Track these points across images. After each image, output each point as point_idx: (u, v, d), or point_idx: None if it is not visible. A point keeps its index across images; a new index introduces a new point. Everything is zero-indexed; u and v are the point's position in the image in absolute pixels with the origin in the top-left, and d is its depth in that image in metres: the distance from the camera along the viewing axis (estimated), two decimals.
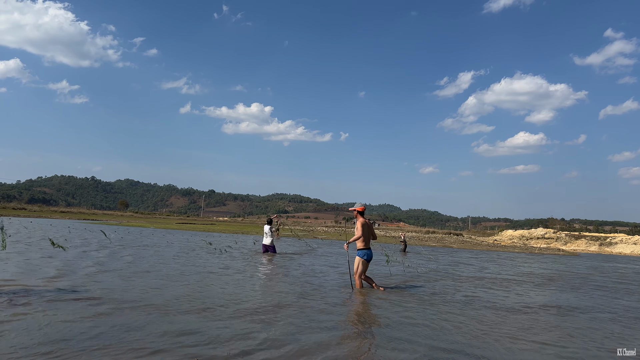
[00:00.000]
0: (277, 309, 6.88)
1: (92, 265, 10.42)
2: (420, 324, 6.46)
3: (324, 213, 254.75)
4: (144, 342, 4.81)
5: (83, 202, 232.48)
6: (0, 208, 64.49)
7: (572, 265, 22.73)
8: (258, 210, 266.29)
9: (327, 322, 6.23)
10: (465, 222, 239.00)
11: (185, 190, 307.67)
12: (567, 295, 10.88)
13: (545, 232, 64.45)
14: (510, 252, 33.09)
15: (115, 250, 14.59)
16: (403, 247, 24.25)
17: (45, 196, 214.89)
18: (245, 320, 6.00)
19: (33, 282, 7.82)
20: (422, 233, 65.44)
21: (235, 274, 10.45)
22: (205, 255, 14.61)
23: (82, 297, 6.77)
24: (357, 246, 9.07)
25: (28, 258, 11.13)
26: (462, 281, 12.10)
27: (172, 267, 11.02)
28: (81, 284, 7.87)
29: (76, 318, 5.58)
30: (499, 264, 20.28)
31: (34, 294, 6.77)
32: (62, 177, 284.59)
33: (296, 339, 5.28)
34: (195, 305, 6.70)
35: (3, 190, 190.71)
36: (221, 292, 7.98)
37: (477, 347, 5.49)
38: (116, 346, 4.61)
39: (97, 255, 12.83)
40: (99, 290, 7.40)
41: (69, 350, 4.41)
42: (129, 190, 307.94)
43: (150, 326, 5.43)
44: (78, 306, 6.21)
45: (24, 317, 5.45)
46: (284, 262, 14.05)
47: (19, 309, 5.84)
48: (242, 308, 6.76)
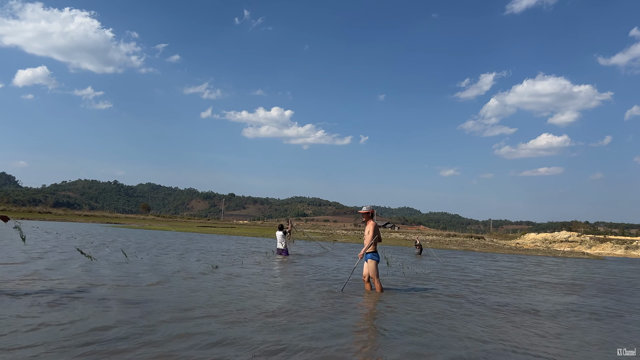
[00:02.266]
0: (288, 312, 6.90)
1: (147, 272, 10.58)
2: (433, 332, 6.42)
3: (343, 216, 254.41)
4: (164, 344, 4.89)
5: (106, 205, 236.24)
6: (27, 212, 65.99)
7: (604, 270, 22.27)
8: (277, 213, 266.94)
9: (340, 328, 6.24)
10: (486, 225, 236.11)
11: (205, 193, 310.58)
12: (601, 299, 10.67)
13: (569, 235, 63.31)
14: (533, 256, 32.58)
15: (159, 259, 14.77)
16: (418, 251, 24.15)
17: (70, 200, 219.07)
18: (261, 325, 6.04)
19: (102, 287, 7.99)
20: (443, 236, 64.86)
21: (253, 276, 10.53)
22: (244, 260, 14.72)
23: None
24: (368, 249, 9.01)
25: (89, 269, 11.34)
26: (461, 283, 11.98)
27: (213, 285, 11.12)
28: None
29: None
30: (515, 267, 19.99)
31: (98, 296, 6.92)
32: (85, 182, 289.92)
33: (310, 345, 5.30)
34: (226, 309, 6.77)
35: (29, 195, 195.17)
36: (240, 294, 8.05)
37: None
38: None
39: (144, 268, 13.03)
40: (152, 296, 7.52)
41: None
42: (151, 194, 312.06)
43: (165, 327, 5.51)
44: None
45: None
46: (296, 265, 14.09)
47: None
48: (249, 310, 6.81)
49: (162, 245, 19.33)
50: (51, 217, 60.41)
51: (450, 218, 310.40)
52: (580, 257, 36.31)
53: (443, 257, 22.66)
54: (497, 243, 54.57)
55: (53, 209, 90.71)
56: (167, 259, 13.60)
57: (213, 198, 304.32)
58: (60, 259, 11.80)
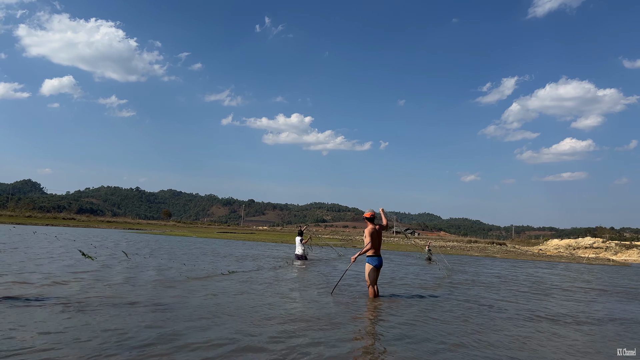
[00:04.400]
0: (303, 321, 6.87)
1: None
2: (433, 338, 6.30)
3: (362, 222, 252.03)
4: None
5: (128, 212, 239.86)
6: (52, 218, 67.37)
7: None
8: (296, 219, 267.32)
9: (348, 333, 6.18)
10: (508, 231, 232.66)
11: (225, 200, 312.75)
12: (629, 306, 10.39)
13: (593, 241, 61.99)
14: (557, 262, 31.95)
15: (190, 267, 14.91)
16: (428, 257, 23.96)
17: (93, 206, 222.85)
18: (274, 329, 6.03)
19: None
20: (464, 242, 64.11)
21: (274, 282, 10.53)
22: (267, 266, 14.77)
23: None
24: (368, 253, 8.87)
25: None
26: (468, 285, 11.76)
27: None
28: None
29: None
30: (540, 273, 19.60)
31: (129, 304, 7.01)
32: (108, 188, 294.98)
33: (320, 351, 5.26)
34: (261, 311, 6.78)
35: (54, 201, 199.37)
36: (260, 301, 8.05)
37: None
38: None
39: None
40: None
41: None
42: (172, 200, 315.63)
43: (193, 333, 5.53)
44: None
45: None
46: (314, 269, 14.05)
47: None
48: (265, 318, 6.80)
49: (201, 252, 19.52)
50: (75, 223, 61.51)
51: (471, 224, 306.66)
52: (605, 263, 35.46)
53: (462, 264, 22.37)
54: (519, 249, 53.70)
55: (77, 215, 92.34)
56: (202, 264, 13.73)
57: (233, 204, 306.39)
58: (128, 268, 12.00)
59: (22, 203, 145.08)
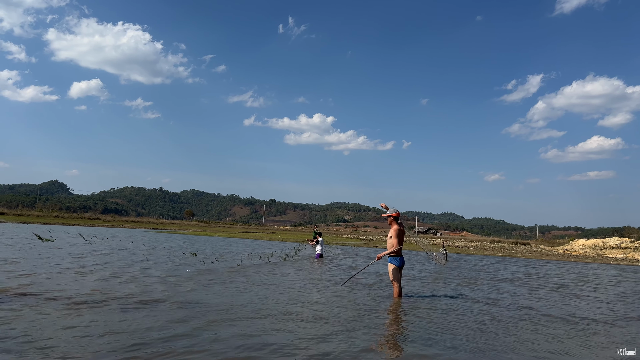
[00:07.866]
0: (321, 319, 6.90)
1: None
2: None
3: (383, 222, 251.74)
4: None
5: (152, 212, 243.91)
6: (78, 218, 68.86)
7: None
8: (317, 219, 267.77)
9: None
10: (532, 231, 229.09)
11: (247, 199, 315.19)
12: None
13: (621, 241, 60.53)
14: (583, 263, 31.33)
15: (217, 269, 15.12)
16: (444, 257, 23.70)
17: (117, 206, 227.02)
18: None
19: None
20: (487, 242, 63.33)
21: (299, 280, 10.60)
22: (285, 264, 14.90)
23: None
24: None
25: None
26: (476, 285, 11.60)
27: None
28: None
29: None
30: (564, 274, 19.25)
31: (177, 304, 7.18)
32: (132, 189, 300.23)
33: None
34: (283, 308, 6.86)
35: (80, 202, 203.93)
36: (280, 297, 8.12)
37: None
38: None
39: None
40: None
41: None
42: (194, 200, 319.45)
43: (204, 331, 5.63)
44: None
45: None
46: (330, 267, 14.10)
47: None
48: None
49: (238, 252, 19.80)
50: (100, 223, 62.76)
51: (495, 224, 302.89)
52: (634, 264, 34.62)
53: (478, 264, 22.12)
54: (543, 249, 52.83)
55: (102, 215, 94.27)
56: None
57: (254, 204, 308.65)
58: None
59: (49, 203, 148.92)
